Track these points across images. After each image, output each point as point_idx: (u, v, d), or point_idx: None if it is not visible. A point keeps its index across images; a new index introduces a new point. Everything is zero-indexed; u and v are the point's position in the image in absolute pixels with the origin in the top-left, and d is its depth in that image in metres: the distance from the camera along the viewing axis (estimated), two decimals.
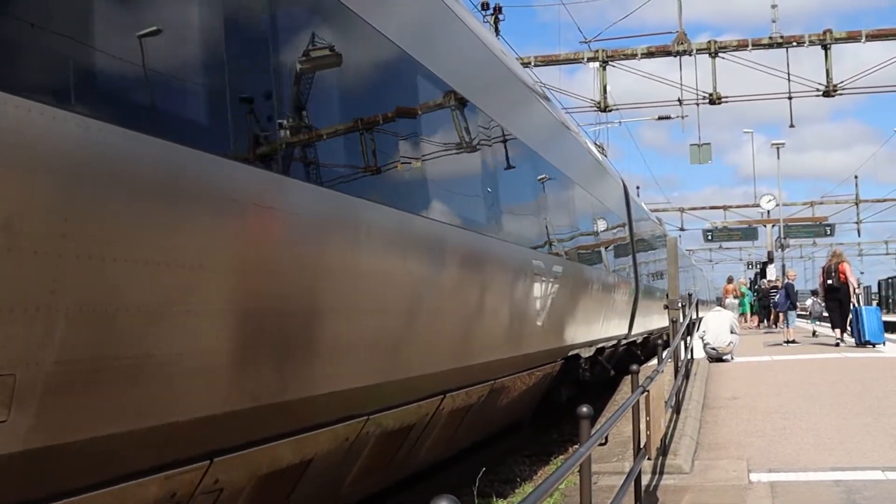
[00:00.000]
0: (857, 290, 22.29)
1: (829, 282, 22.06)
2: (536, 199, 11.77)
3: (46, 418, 3.51)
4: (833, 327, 23.36)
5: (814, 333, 27.86)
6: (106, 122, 3.76)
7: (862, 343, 21.37)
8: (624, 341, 19.44)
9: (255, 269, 4.72)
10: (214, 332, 4.44)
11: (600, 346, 16.08)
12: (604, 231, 17.24)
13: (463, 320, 8.41)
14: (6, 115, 3.29)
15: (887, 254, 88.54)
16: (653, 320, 23.94)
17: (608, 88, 28.24)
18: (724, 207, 59.83)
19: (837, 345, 22.42)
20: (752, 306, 38.02)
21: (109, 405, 3.80)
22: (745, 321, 36.17)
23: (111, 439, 3.79)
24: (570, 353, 13.43)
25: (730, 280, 39.32)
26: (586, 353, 14.53)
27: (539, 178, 11.99)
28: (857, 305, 21.88)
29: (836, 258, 22.52)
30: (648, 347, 24.69)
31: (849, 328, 22.29)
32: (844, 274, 21.89)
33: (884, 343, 21.86)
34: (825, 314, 24.60)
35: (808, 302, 25.15)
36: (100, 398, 3.75)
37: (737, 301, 36.46)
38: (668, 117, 34.83)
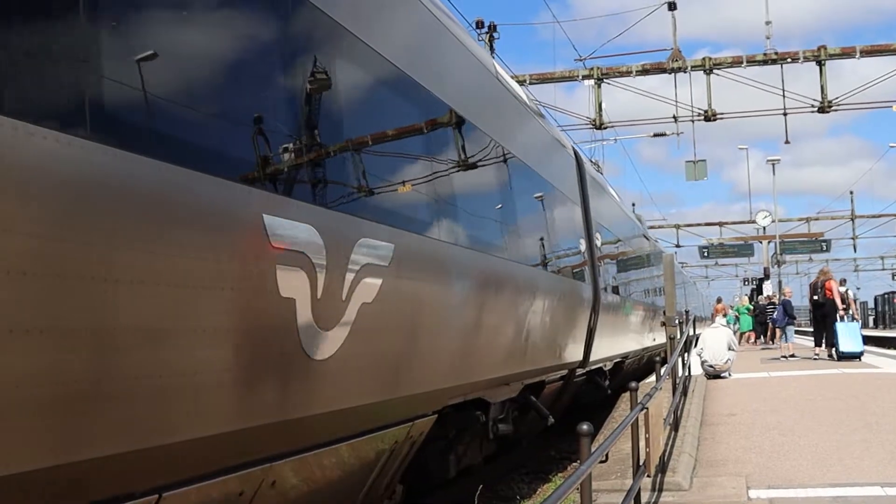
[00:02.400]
0: (841, 307, 22.68)
1: (815, 297, 22.47)
2: (345, 121, 6.13)
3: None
4: (815, 343, 23.71)
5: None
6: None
7: (838, 357, 22.16)
8: (580, 371, 14.11)
9: None
10: None
11: (532, 382, 11.18)
12: (531, 210, 11.29)
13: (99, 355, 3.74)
14: None
15: (883, 269, 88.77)
16: (627, 340, 18.91)
17: (603, 105, 28.33)
18: (720, 224, 59.95)
19: (815, 358, 23.05)
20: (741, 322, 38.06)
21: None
22: (749, 341, 36.13)
23: None
24: (457, 401, 8.34)
25: (719, 300, 39.52)
26: (499, 395, 9.81)
27: (362, 86, 6.66)
28: (841, 321, 22.39)
29: (823, 275, 23.22)
30: (623, 375, 19.27)
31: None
32: (831, 291, 22.32)
33: (860, 357, 22.50)
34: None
35: (775, 314, 25.66)
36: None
37: (725, 319, 36.59)
38: (663, 134, 34.91)
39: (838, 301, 22.57)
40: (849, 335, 22.35)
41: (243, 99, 4.97)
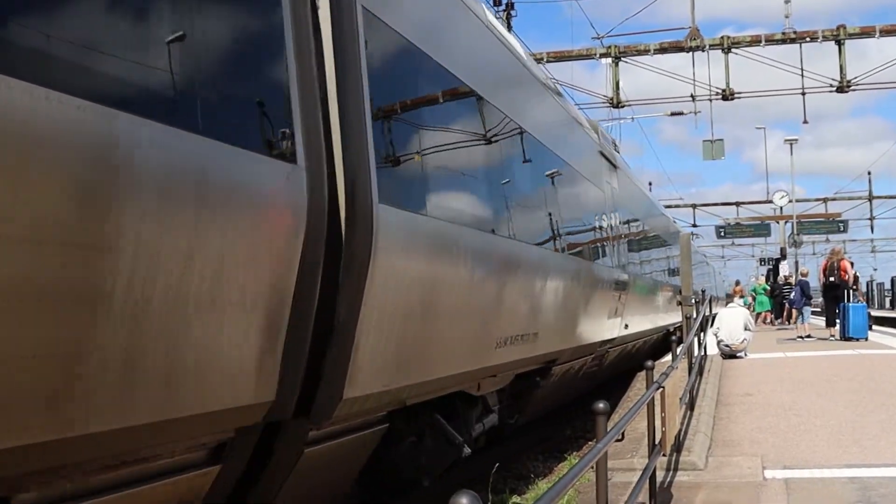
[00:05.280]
0: (854, 287, 22.73)
1: (832, 279, 22.44)
2: None
3: None
4: (827, 324, 23.67)
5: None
6: None
7: (846, 338, 22.18)
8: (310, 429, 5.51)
9: None
10: None
11: None
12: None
13: None
14: None
15: None
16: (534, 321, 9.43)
17: (621, 84, 28.20)
18: (737, 204, 59.56)
19: (831, 339, 22.91)
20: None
21: None
22: (765, 321, 36.02)
23: None
24: None
25: (737, 283, 39.64)
26: None
27: None
28: (855, 302, 22.40)
29: (836, 256, 23.17)
30: (541, 397, 11.18)
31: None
32: (845, 271, 22.36)
33: (867, 338, 22.49)
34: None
35: (792, 295, 25.80)
36: None
37: (742, 301, 36.49)
38: (680, 113, 34.72)
39: (852, 281, 22.65)
40: (857, 318, 22.40)
41: None
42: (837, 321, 22.87)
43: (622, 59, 27.70)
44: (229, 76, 4.75)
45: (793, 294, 26.26)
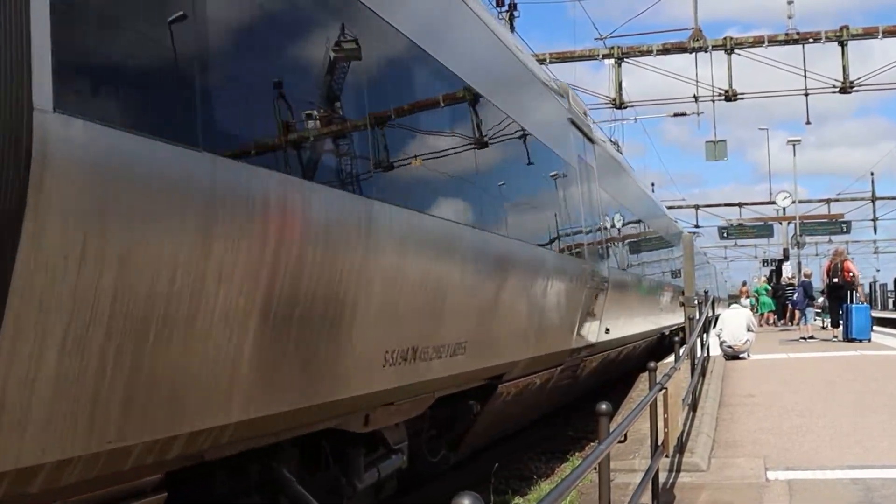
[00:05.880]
0: (858, 286, 22.80)
1: (835, 280, 22.44)
2: None
3: None
4: (833, 325, 23.66)
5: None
6: None
7: (849, 339, 22.17)
8: None
9: None
10: None
11: None
12: None
13: None
14: None
15: None
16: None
17: (624, 85, 28.17)
18: (740, 204, 59.52)
19: (833, 340, 22.86)
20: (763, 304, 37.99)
21: None
22: (767, 322, 36.01)
23: None
24: None
25: (744, 284, 39.77)
26: None
27: None
28: (857, 303, 22.42)
29: (839, 257, 23.14)
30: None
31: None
32: (849, 272, 22.38)
33: (870, 339, 22.49)
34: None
35: (795, 296, 25.89)
36: None
37: (748, 301, 36.52)
38: (683, 114, 34.68)
39: (857, 281, 22.68)
40: (861, 319, 22.41)
41: None
42: (840, 322, 22.86)
43: (625, 59, 27.69)
44: None
45: (796, 295, 26.25)
